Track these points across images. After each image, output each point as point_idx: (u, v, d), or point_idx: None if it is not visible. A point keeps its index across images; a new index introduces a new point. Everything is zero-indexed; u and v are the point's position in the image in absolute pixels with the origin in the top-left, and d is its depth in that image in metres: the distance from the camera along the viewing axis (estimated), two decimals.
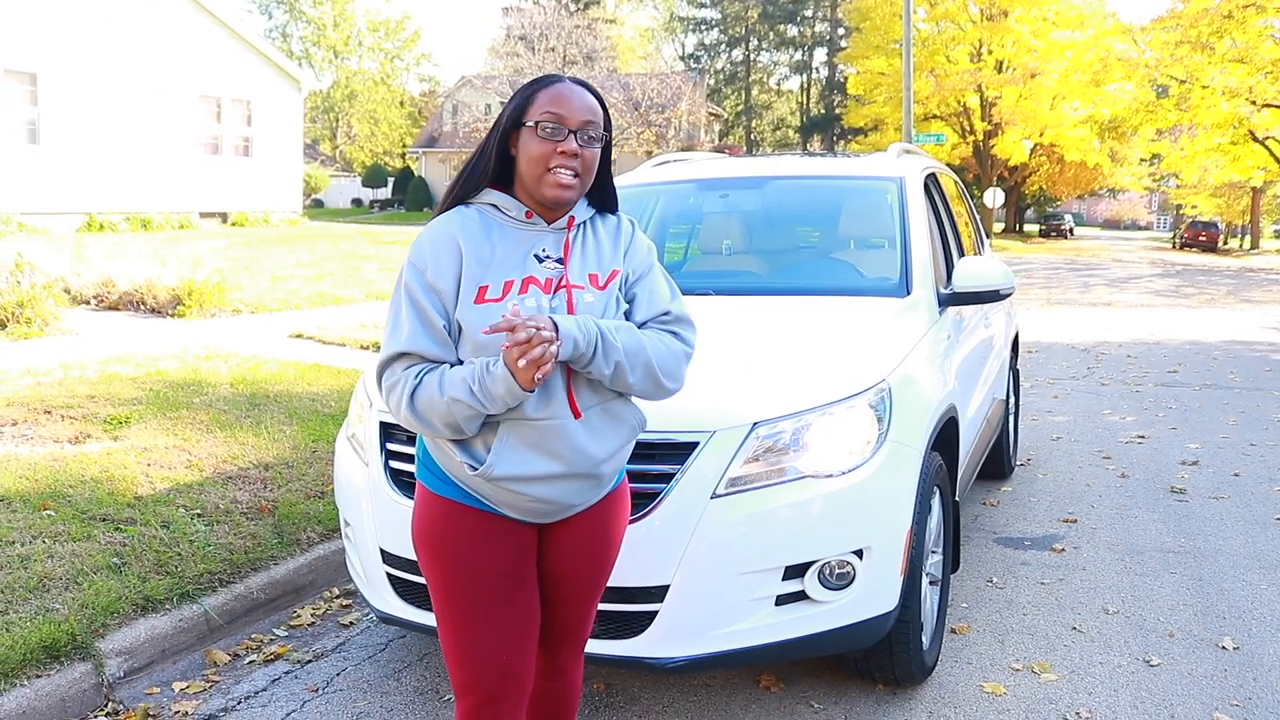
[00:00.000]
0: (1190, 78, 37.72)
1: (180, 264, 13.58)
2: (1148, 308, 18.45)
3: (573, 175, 2.10)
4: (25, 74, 21.68)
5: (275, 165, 28.29)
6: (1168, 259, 40.46)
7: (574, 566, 2.31)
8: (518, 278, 2.11)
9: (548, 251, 2.16)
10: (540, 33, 42.57)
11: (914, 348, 3.63)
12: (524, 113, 2.13)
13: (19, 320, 9.74)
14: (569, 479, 2.12)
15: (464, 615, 2.19)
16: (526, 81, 2.21)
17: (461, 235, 2.13)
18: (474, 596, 2.18)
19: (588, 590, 2.37)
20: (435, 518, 2.20)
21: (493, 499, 2.15)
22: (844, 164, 5.34)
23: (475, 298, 2.08)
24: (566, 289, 2.12)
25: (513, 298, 2.08)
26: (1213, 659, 3.82)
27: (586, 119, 2.11)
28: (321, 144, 67.95)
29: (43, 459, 5.29)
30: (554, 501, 2.14)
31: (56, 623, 3.56)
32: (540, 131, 2.09)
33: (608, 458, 2.16)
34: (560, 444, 2.08)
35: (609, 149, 2.23)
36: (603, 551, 2.34)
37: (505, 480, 2.09)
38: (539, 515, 2.18)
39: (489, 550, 2.17)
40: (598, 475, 2.16)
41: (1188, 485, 6.21)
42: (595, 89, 2.18)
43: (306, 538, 4.62)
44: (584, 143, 2.11)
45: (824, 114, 72.52)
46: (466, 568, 2.17)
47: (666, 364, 2.17)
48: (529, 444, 2.08)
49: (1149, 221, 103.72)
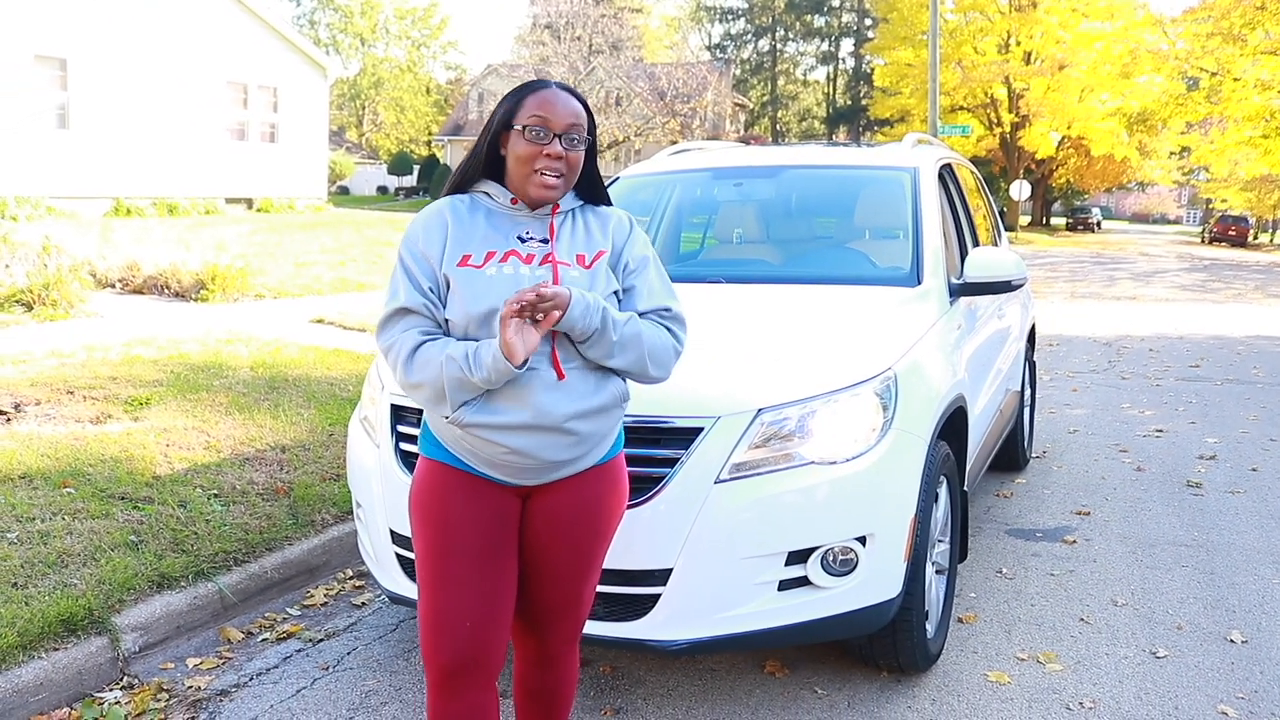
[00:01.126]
0: (1221, 70, 37.29)
1: (204, 249, 13.72)
2: (1173, 302, 18.30)
3: (557, 176, 2.24)
4: (56, 59, 21.87)
5: (301, 152, 28.43)
6: (1196, 253, 40.09)
7: (557, 539, 2.33)
8: (500, 250, 2.24)
9: (531, 234, 2.29)
10: (566, 21, 42.47)
11: (922, 337, 3.64)
12: (513, 116, 2.26)
13: (45, 302, 9.87)
14: (537, 430, 2.17)
15: (438, 575, 2.26)
16: (516, 86, 2.33)
17: (450, 214, 2.30)
18: (449, 553, 2.25)
19: (574, 569, 2.38)
20: (425, 480, 2.31)
21: (471, 453, 2.23)
22: (858, 154, 5.34)
23: (458, 261, 2.22)
24: (553, 264, 2.23)
25: (493, 265, 2.21)
26: (1220, 652, 3.82)
27: (571, 122, 2.24)
28: (348, 131, 68.24)
29: (64, 438, 5.37)
30: (527, 454, 2.19)
31: (74, 598, 3.63)
32: (527, 134, 2.22)
33: (578, 415, 2.20)
34: (527, 392, 2.16)
35: (594, 150, 2.35)
36: (590, 528, 2.35)
37: (475, 427, 2.17)
38: (517, 472, 2.24)
39: (469, 510, 2.26)
40: (570, 432, 2.20)
41: (1204, 479, 6.18)
42: (580, 94, 2.30)
43: (321, 519, 4.68)
44: (568, 145, 2.24)
45: (850, 105, 72.20)
46: (447, 525, 2.26)
47: (658, 354, 2.29)
48: (501, 394, 2.16)
49: (1178, 215, 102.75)
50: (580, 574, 2.40)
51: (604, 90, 41.43)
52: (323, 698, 3.44)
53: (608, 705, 3.38)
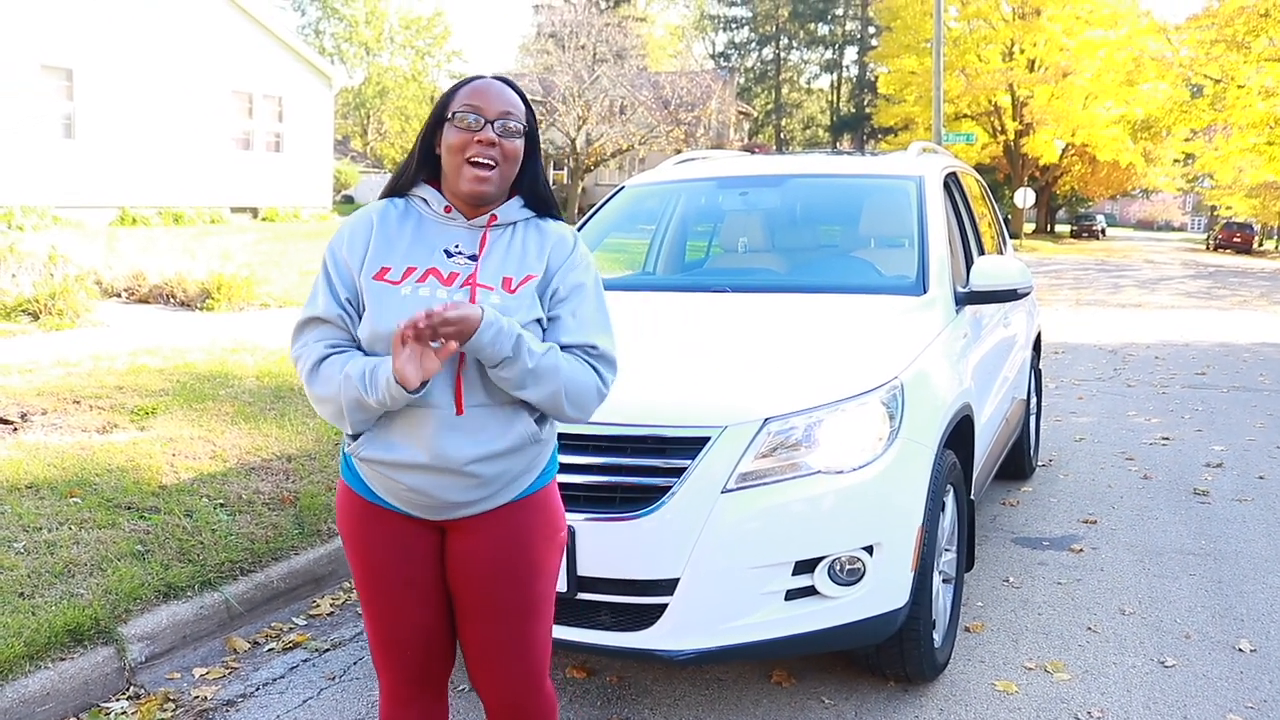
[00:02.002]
0: (1225, 77, 37.27)
1: (210, 258, 13.74)
2: (1178, 309, 18.28)
3: (489, 166, 2.09)
4: (62, 69, 21.94)
5: (306, 161, 28.50)
6: (1201, 260, 40.05)
7: (482, 576, 2.18)
8: (420, 266, 2.11)
9: (460, 247, 2.14)
10: (570, 30, 42.52)
11: (928, 346, 3.64)
12: (446, 109, 2.15)
13: (51, 312, 9.89)
14: (435, 471, 2.06)
15: (369, 605, 2.23)
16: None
17: (378, 218, 2.18)
18: (375, 588, 2.21)
19: (510, 607, 2.20)
20: (343, 505, 2.23)
21: (376, 485, 2.15)
22: (863, 163, 5.34)
23: (375, 274, 2.10)
24: (471, 286, 2.09)
25: (409, 284, 2.08)
26: (1229, 661, 3.80)
27: (504, 109, 2.12)
28: (352, 140, 68.29)
29: (71, 448, 5.38)
30: (426, 493, 2.08)
31: (81, 607, 3.63)
32: (459, 123, 2.10)
33: (476, 458, 2.06)
34: (425, 434, 2.04)
35: (537, 148, 2.21)
36: (517, 565, 2.18)
37: (372, 462, 2.10)
38: (420, 508, 2.13)
39: (382, 544, 2.18)
40: (472, 475, 2.07)
41: (1211, 487, 6.17)
42: (517, 85, 2.19)
43: (327, 529, 4.68)
44: (502, 132, 2.10)
45: (854, 113, 72.24)
46: (368, 560, 2.20)
47: (576, 392, 2.10)
48: (398, 429, 2.06)
49: (1183, 223, 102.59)
50: (519, 612, 2.20)
51: (608, 99, 41.47)
52: (329, 708, 3.44)
53: (614, 715, 3.37)
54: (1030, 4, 44.55)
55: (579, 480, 3.06)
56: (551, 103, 40.80)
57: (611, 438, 3.06)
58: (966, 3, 46.15)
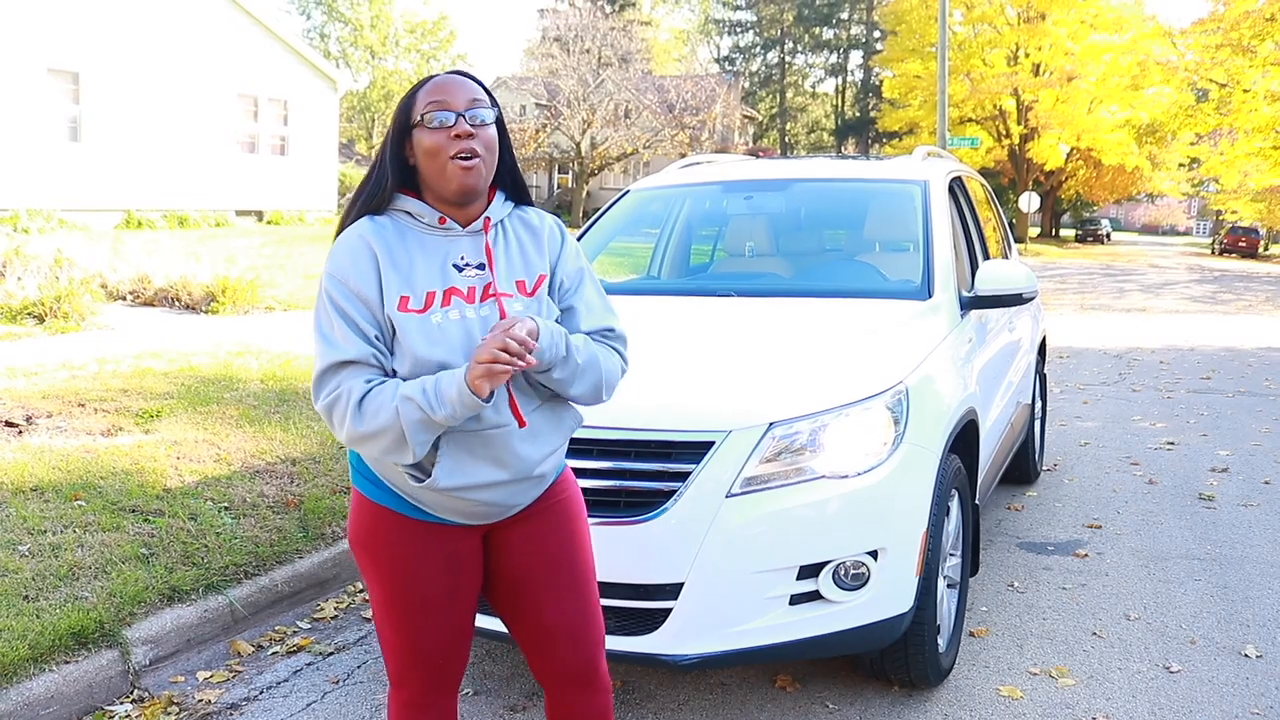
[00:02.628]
0: (1231, 81, 37.29)
1: (215, 261, 13.76)
2: (1183, 313, 18.26)
3: (473, 157, 2.04)
4: (68, 73, 22.02)
5: (311, 164, 28.56)
6: (1206, 265, 39.98)
7: (542, 562, 2.23)
8: (439, 289, 2.05)
9: (466, 259, 2.10)
10: (575, 34, 42.60)
11: (933, 350, 3.63)
12: (410, 114, 2.09)
13: (56, 314, 9.91)
14: (512, 484, 2.09)
15: (399, 620, 2.18)
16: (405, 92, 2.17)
17: (375, 241, 2.06)
18: (409, 604, 2.16)
19: (572, 581, 2.26)
20: (368, 525, 2.17)
21: (434, 506, 2.11)
22: (868, 167, 5.34)
23: (398, 305, 2.02)
24: (496, 298, 2.07)
25: (436, 310, 2.03)
26: (1234, 667, 3.79)
27: (470, 98, 2.07)
28: (357, 144, 68.42)
29: (75, 451, 5.39)
30: (498, 504, 2.12)
31: (85, 610, 3.63)
32: (429, 123, 2.04)
33: (544, 458, 2.13)
34: (504, 451, 2.05)
35: (506, 133, 2.17)
36: (567, 540, 2.26)
37: (452, 490, 2.05)
38: (483, 517, 2.15)
39: (424, 557, 2.15)
40: (539, 476, 2.14)
41: (1216, 492, 6.16)
42: (472, 74, 2.13)
43: (331, 532, 4.69)
44: (474, 123, 2.05)
45: (859, 117, 72.26)
46: (400, 575, 2.15)
47: (612, 379, 2.18)
48: (472, 453, 2.03)
49: (1188, 227, 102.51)
50: (584, 582, 2.29)
51: (613, 102, 41.54)
52: (333, 711, 3.44)
53: None
54: (1035, 8, 44.59)
55: (584, 484, 3.04)
56: (556, 106, 40.89)
57: (616, 442, 3.06)
58: (971, 7, 46.18)
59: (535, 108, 46.73)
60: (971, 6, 46.22)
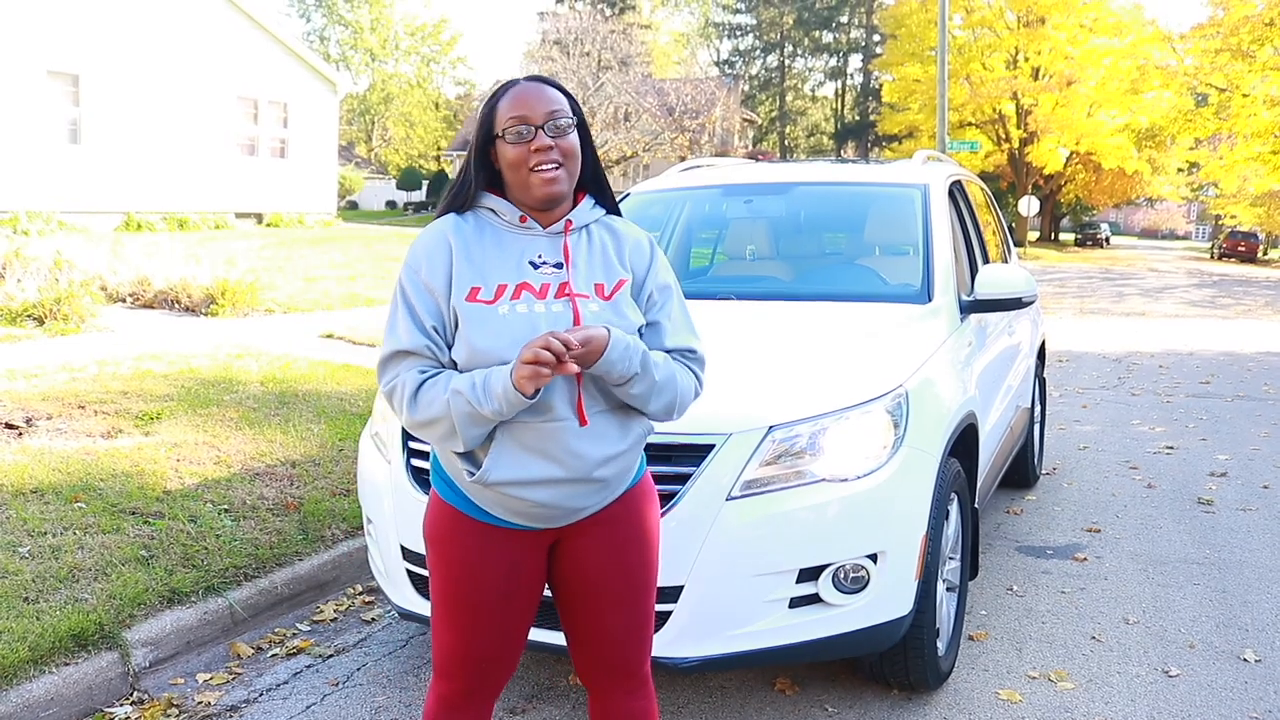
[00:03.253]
0: (1230, 86, 37.33)
1: (214, 263, 13.76)
2: (1182, 318, 18.27)
3: (555, 167, 2.09)
4: (68, 75, 22.03)
5: (310, 167, 28.57)
6: (1205, 269, 40.01)
7: (609, 569, 2.23)
8: (511, 282, 2.09)
9: (543, 257, 2.14)
10: (575, 37, 42.65)
11: (933, 354, 3.64)
12: (492, 126, 2.13)
13: (56, 317, 9.91)
14: (568, 484, 2.08)
15: (457, 619, 2.21)
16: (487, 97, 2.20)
17: (453, 235, 2.14)
18: (470, 605, 2.19)
19: (635, 589, 2.26)
20: (441, 524, 2.21)
21: (492, 505, 2.13)
22: (868, 170, 5.35)
23: (467, 295, 2.07)
24: (571, 297, 2.10)
25: (504, 301, 2.07)
26: (1233, 671, 3.80)
27: (550, 109, 2.10)
28: (357, 146, 68.52)
29: (75, 453, 5.39)
30: (556, 506, 2.10)
31: (85, 612, 3.63)
32: (509, 138, 2.09)
33: (605, 461, 2.10)
34: (558, 447, 2.05)
35: (590, 137, 2.20)
36: (637, 549, 2.25)
37: (502, 485, 2.06)
38: (543, 520, 2.14)
39: (485, 563, 2.17)
40: (599, 480, 2.11)
41: (1215, 496, 6.16)
42: (555, 81, 2.17)
43: (331, 534, 4.69)
44: (554, 133, 2.09)
45: (858, 121, 72.30)
46: (466, 577, 2.18)
47: (686, 400, 2.20)
48: (526, 447, 2.05)
49: (1187, 231, 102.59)
50: (643, 590, 2.28)
51: (613, 105, 41.56)
52: (333, 714, 3.44)
53: None
54: (1035, 12, 44.64)
55: None
56: None
57: None
58: (971, 11, 46.22)
59: None
60: (971, 10, 46.26)
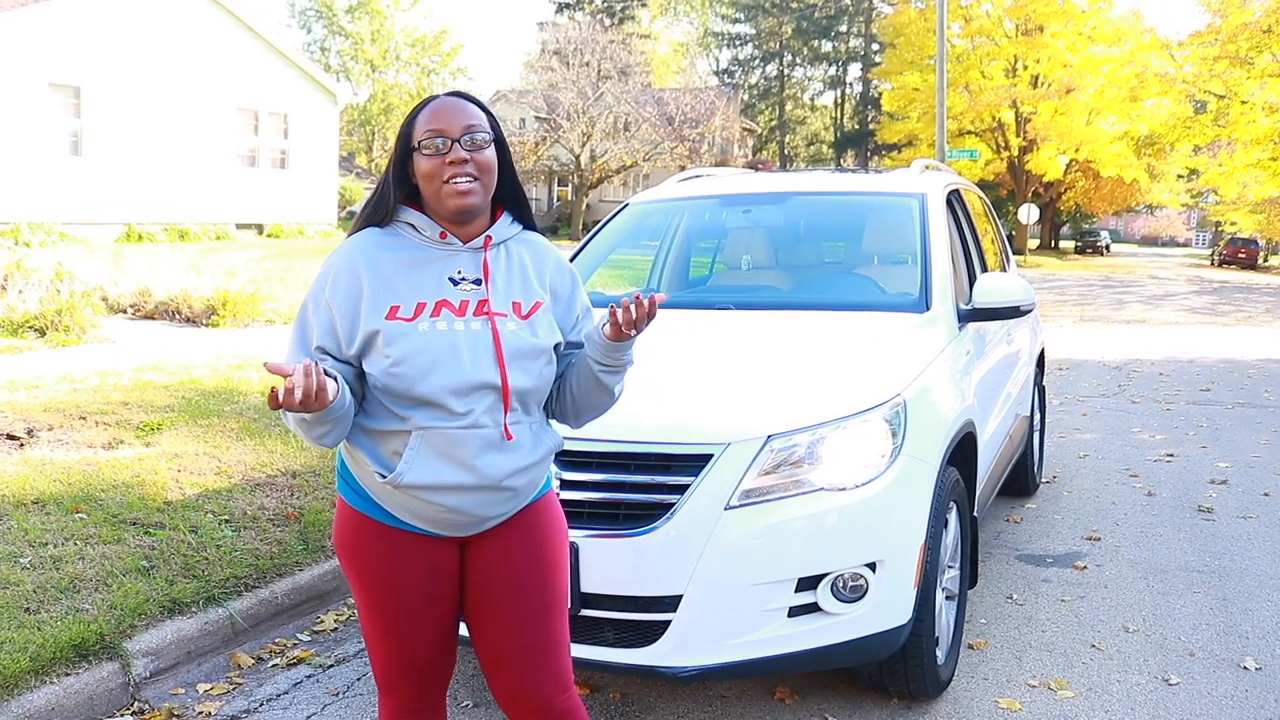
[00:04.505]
0: (1229, 93, 37.39)
1: (215, 274, 13.80)
2: (1182, 325, 18.27)
3: (469, 180, 2.10)
4: (69, 87, 22.10)
5: (311, 178, 28.62)
6: (1205, 276, 40.03)
7: (509, 583, 2.22)
8: (430, 300, 2.10)
9: (463, 273, 2.15)
10: (575, 47, 42.71)
11: (931, 363, 3.65)
12: (410, 138, 2.14)
13: (58, 328, 9.93)
14: (477, 490, 2.10)
15: (385, 627, 2.21)
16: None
17: (368, 253, 2.14)
18: (390, 611, 2.19)
19: (538, 608, 2.23)
20: (351, 531, 2.20)
21: (402, 510, 2.13)
22: (866, 180, 5.37)
23: (386, 314, 2.08)
24: (490, 316, 2.12)
25: (424, 319, 2.08)
26: (1233, 679, 3.80)
27: (467, 124, 2.11)
28: (357, 157, 68.52)
29: (77, 463, 5.40)
30: (464, 512, 2.12)
31: (86, 622, 3.64)
32: (426, 150, 2.10)
33: (516, 472, 2.13)
34: (471, 455, 2.07)
35: (508, 153, 2.21)
36: (540, 565, 2.24)
37: (414, 489, 2.08)
38: (451, 527, 2.15)
39: (398, 569, 2.17)
40: (507, 489, 2.13)
41: (1216, 504, 6.16)
42: (474, 96, 2.18)
43: (331, 545, 4.68)
44: (470, 147, 2.10)
45: (858, 129, 72.37)
46: (382, 583, 2.18)
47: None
48: (440, 452, 2.07)
49: (1187, 238, 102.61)
50: (548, 610, 2.25)
51: (612, 115, 41.63)
52: None
53: None
54: (1033, 20, 44.68)
55: (583, 497, 3.07)
56: (556, 119, 40.96)
57: (615, 454, 3.07)
58: (970, 19, 46.28)
59: (535, 121, 46.80)
60: (970, 19, 46.31)
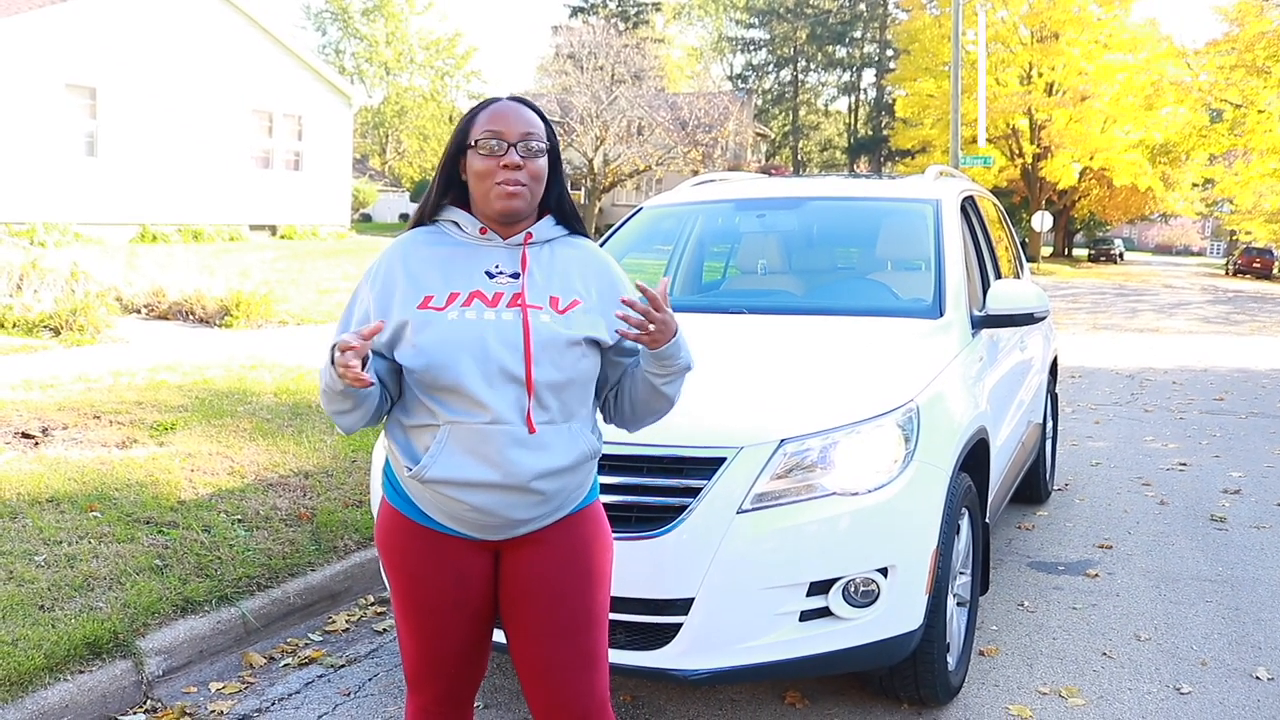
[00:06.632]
0: (1245, 102, 37.25)
1: (229, 275, 13.86)
2: (1196, 334, 18.19)
3: (518, 186, 2.12)
4: (85, 88, 22.22)
5: (324, 179, 28.71)
6: (1219, 285, 39.84)
7: (542, 594, 2.19)
8: (464, 290, 2.13)
9: (500, 267, 2.17)
10: (589, 51, 42.72)
11: (944, 369, 3.65)
12: (467, 136, 2.16)
13: (72, 327, 9.98)
14: (503, 490, 2.07)
15: (413, 625, 2.22)
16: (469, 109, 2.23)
17: (408, 251, 2.20)
18: (421, 609, 2.20)
19: (572, 623, 2.20)
20: (388, 529, 2.22)
21: (434, 508, 2.13)
22: (881, 186, 5.37)
23: (419, 303, 2.11)
24: (523, 307, 2.12)
25: (454, 308, 2.10)
26: (1245, 689, 3.78)
27: (525, 131, 2.14)
28: (371, 159, 68.72)
29: (91, 462, 5.42)
30: (491, 513, 2.09)
31: (100, 621, 3.66)
32: (481, 149, 2.13)
33: (544, 474, 2.09)
34: (496, 451, 2.05)
35: (560, 164, 2.24)
36: (577, 579, 2.20)
37: (438, 483, 2.08)
38: (480, 528, 2.14)
39: (430, 569, 2.18)
40: (537, 492, 2.10)
41: (1228, 514, 6.14)
42: (534, 104, 2.21)
43: (344, 545, 4.71)
44: (525, 153, 2.13)
45: (872, 135, 72.26)
46: (415, 582, 2.19)
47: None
48: (466, 448, 2.06)
49: (1202, 247, 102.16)
50: (582, 625, 2.21)
51: (626, 119, 41.64)
52: None
53: None
54: (1049, 28, 44.59)
55: None
56: (569, 123, 40.98)
57: (628, 457, 3.08)
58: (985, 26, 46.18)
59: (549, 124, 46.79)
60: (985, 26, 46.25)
